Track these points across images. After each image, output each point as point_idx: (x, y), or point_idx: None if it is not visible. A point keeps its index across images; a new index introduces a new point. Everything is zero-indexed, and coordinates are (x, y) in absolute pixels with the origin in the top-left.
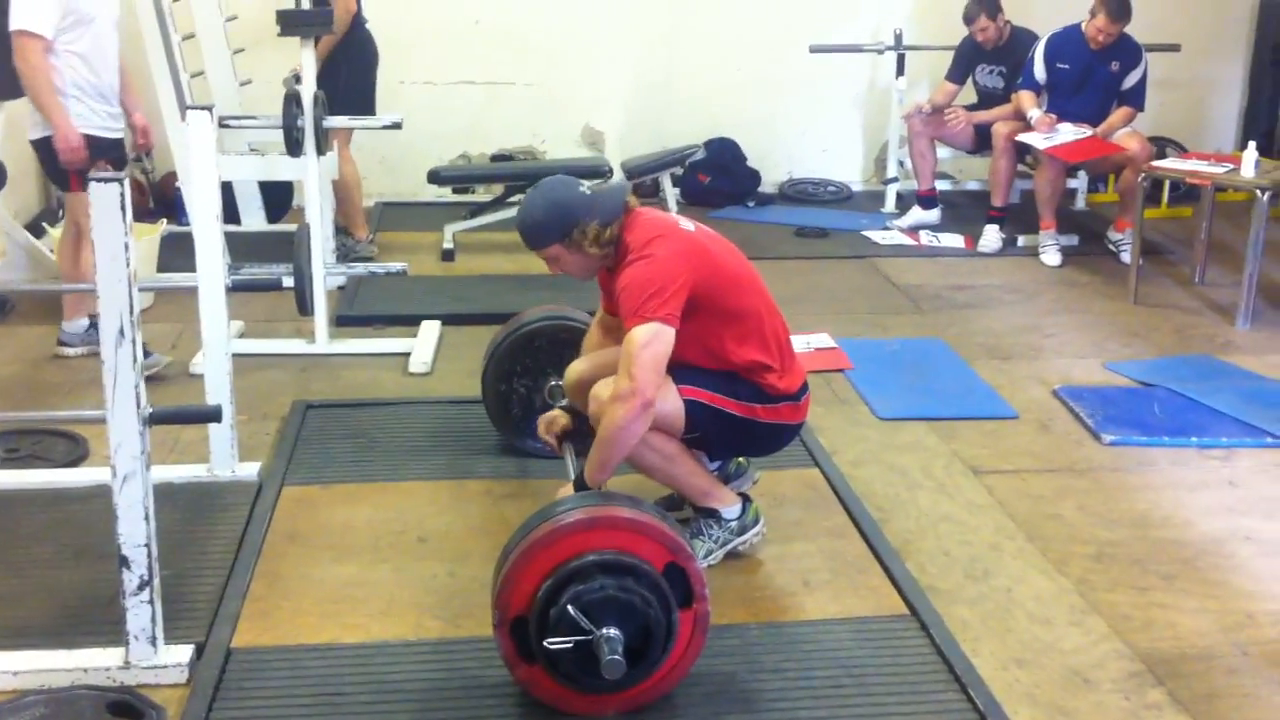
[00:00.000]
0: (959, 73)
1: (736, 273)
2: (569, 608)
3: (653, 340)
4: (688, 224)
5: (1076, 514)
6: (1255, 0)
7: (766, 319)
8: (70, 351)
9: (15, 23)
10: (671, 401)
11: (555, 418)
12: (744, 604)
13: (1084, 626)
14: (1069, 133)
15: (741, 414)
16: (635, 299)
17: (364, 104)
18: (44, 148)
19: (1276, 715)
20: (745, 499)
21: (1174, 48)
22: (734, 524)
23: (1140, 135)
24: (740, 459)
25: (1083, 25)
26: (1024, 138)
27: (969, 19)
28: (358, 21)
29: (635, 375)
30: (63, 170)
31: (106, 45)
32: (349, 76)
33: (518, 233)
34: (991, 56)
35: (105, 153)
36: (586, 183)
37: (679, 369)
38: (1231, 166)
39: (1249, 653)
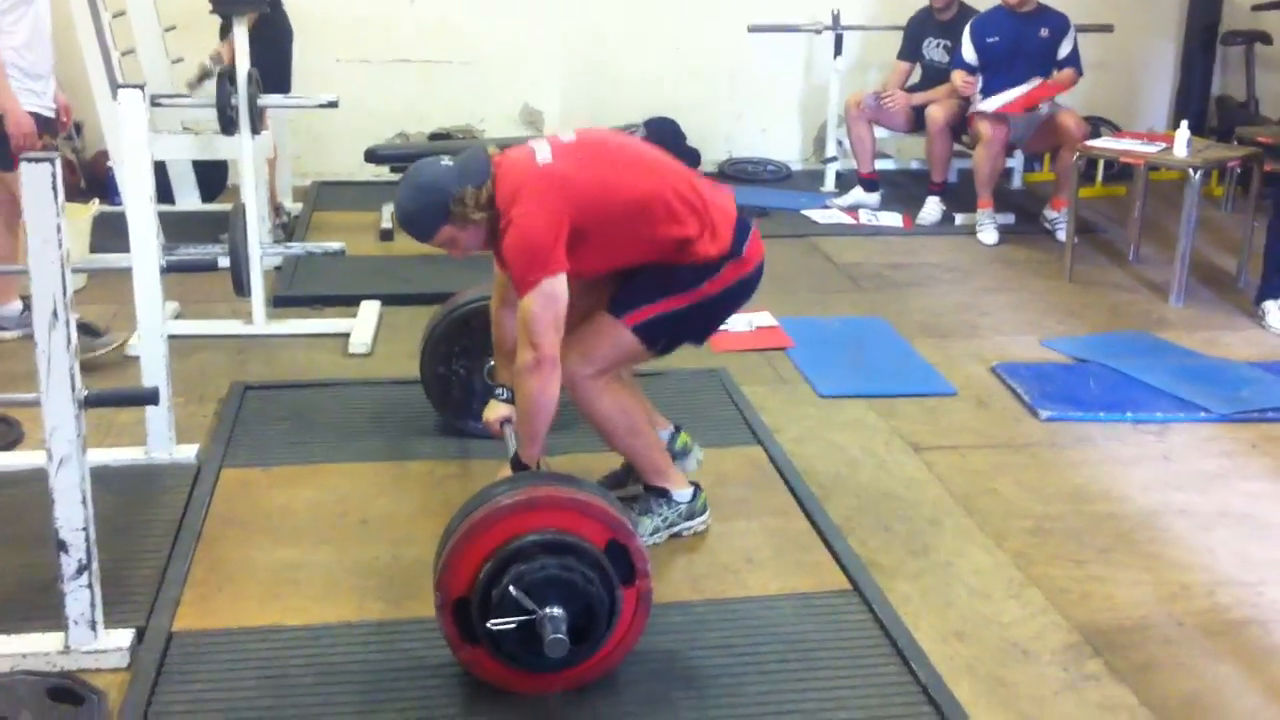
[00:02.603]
0: (910, 50)
1: (615, 172)
2: (511, 588)
3: (545, 302)
4: (544, 152)
5: (1014, 489)
6: None
7: (670, 190)
8: (5, 335)
9: None
10: (621, 338)
11: (496, 408)
12: (688, 581)
13: (1022, 599)
14: (1013, 92)
15: (692, 302)
16: (519, 268)
17: (279, 83)
18: None
19: (1211, 683)
20: (696, 487)
21: (1107, 28)
22: (683, 507)
23: (1076, 114)
24: (684, 437)
25: None
26: (981, 107)
27: None
28: (272, 2)
29: (535, 343)
30: (2, 150)
31: (44, 24)
32: (262, 55)
33: (405, 231)
34: (938, 31)
35: (46, 129)
36: (445, 156)
37: (611, 299)
38: (1164, 146)
39: (1184, 623)
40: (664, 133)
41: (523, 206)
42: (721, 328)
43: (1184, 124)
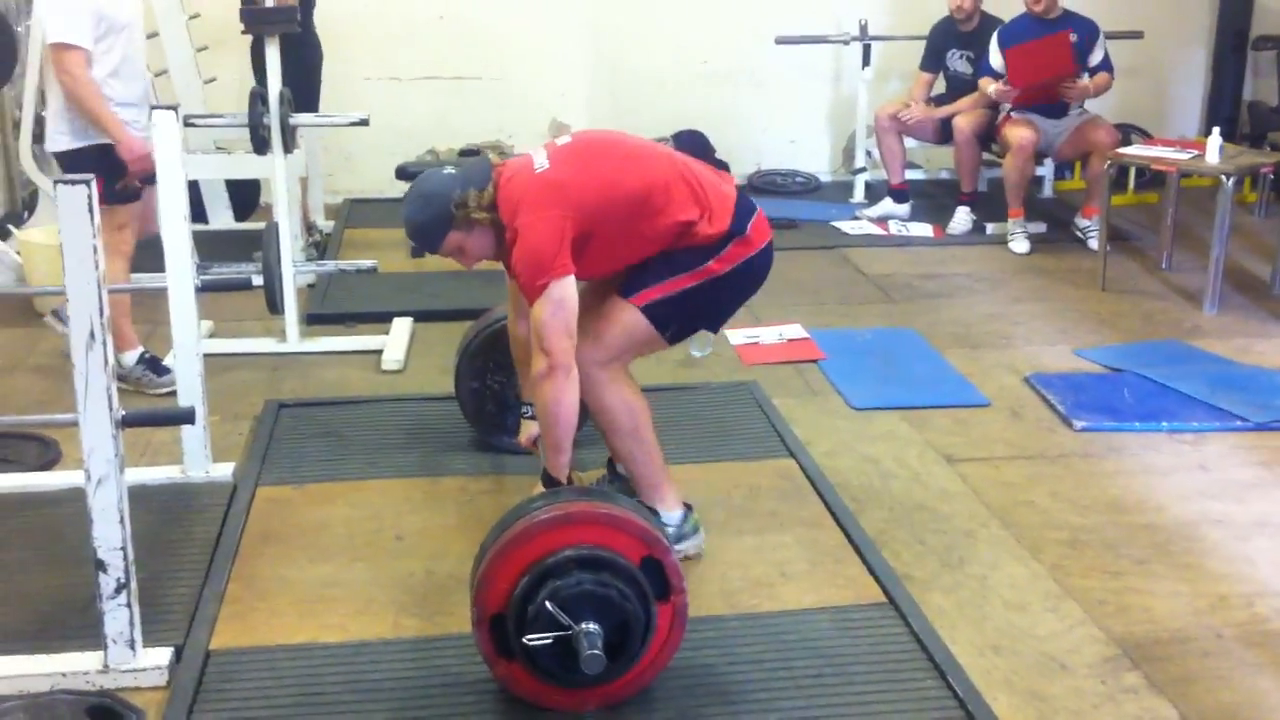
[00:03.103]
0: (932, 61)
1: (611, 170)
2: (547, 603)
3: (554, 308)
4: (541, 159)
5: (1049, 500)
6: None
7: (666, 178)
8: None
9: (53, 36)
10: (630, 320)
11: (528, 428)
12: (721, 596)
13: (1059, 612)
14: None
15: (699, 280)
16: (527, 276)
17: (310, 102)
18: (72, 160)
19: (1250, 696)
20: (687, 508)
21: (1137, 34)
22: (670, 530)
23: (1107, 122)
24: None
25: (1023, 2)
26: (992, 89)
27: None
28: (303, 22)
29: (548, 349)
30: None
31: (135, 53)
32: (293, 74)
33: (413, 243)
34: (961, 42)
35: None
36: (449, 167)
37: (622, 284)
38: (1196, 153)
39: (1222, 635)
40: (693, 145)
41: (526, 216)
42: (753, 336)
43: (1216, 130)
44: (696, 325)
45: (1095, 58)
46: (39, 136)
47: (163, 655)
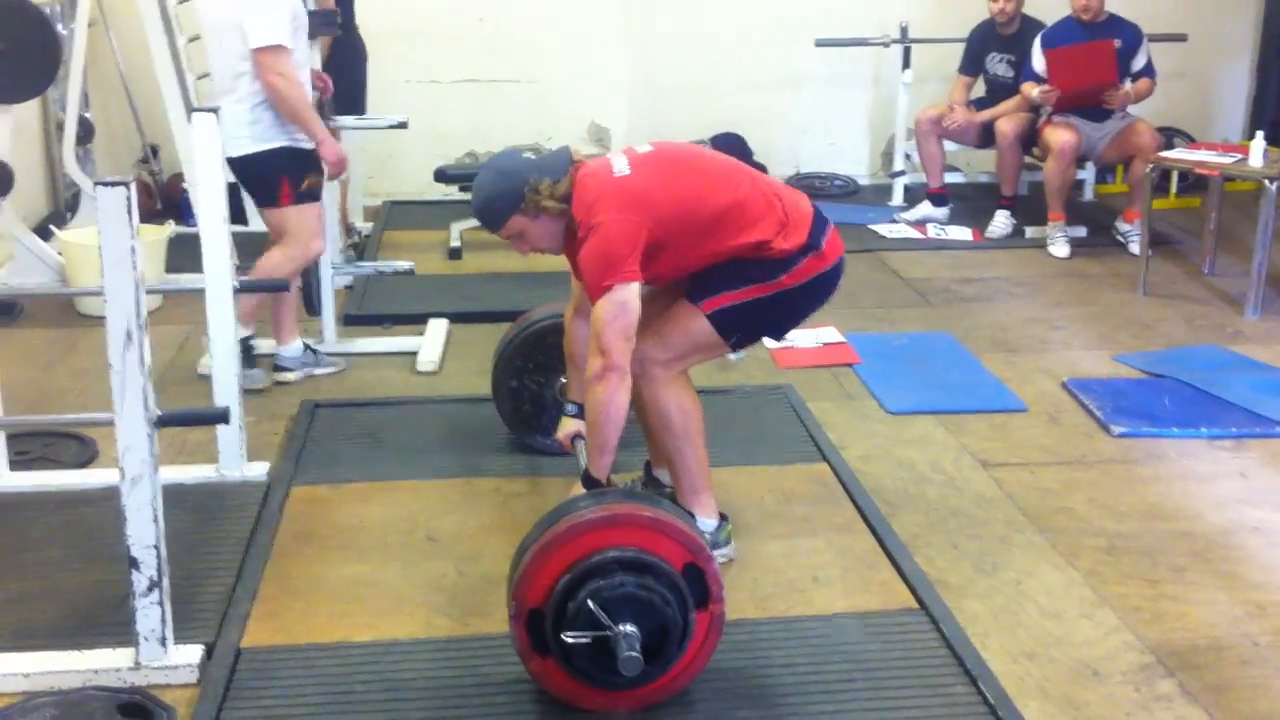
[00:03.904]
0: (971, 65)
1: (693, 185)
2: (589, 602)
3: (616, 310)
4: (622, 165)
5: (1086, 506)
6: None
7: (747, 197)
8: (288, 376)
9: (261, 39)
10: (696, 326)
11: (566, 425)
12: (753, 600)
13: (1094, 619)
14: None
15: (771, 293)
16: (594, 274)
17: (354, 105)
18: (252, 164)
19: None
20: (723, 518)
21: (1180, 37)
22: (705, 537)
23: (1150, 126)
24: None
25: (1070, 6)
26: (1035, 92)
27: None
28: (345, 24)
29: (605, 350)
30: (270, 187)
31: (302, 60)
32: (336, 77)
33: (476, 219)
34: (1002, 45)
35: (308, 164)
36: (529, 152)
37: (690, 287)
38: (1239, 156)
39: (1259, 643)
40: (730, 148)
41: (602, 216)
42: (788, 340)
43: (1259, 134)
44: (760, 334)
45: (1138, 63)
46: (82, 138)
47: (194, 653)
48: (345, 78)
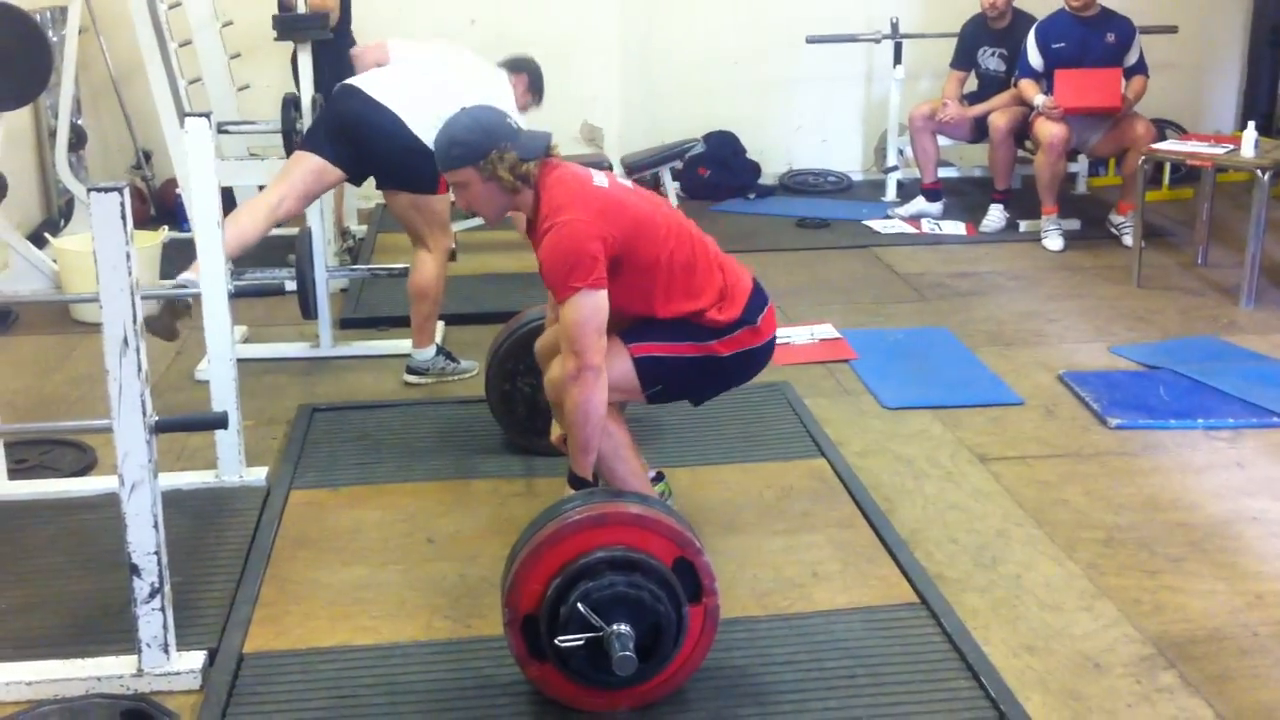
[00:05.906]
0: (963, 59)
1: (652, 219)
2: (579, 605)
3: (589, 311)
4: (601, 180)
5: (1084, 499)
6: None
7: (698, 261)
8: (415, 380)
9: None
10: (618, 365)
11: (557, 427)
12: (753, 597)
13: (1094, 611)
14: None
15: (700, 354)
16: (559, 273)
17: None
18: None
19: None
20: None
21: (1171, 29)
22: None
23: (1143, 118)
24: (661, 485)
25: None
26: (1037, 100)
27: None
28: (340, 30)
29: (579, 350)
30: (436, 175)
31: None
32: (328, 80)
33: (434, 150)
34: (993, 39)
35: None
36: (519, 123)
37: (624, 329)
38: (1231, 147)
39: (1259, 633)
40: (723, 147)
41: (572, 214)
42: (785, 337)
43: (1251, 125)
44: (680, 394)
45: (1131, 58)
46: (74, 145)
47: (196, 659)
48: (338, 80)
